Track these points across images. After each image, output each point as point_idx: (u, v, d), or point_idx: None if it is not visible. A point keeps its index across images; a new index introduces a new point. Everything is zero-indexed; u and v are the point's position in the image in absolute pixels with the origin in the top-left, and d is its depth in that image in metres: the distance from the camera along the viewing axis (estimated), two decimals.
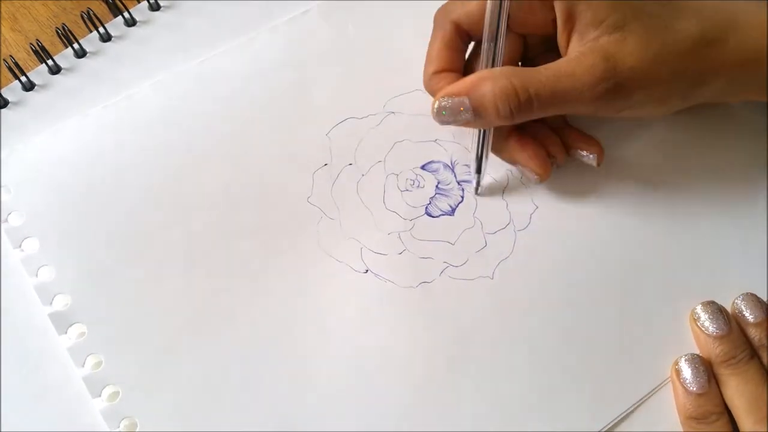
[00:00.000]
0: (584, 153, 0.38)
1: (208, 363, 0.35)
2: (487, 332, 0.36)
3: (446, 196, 0.39)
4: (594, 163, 0.38)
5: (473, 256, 0.37)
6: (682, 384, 0.34)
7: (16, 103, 0.42)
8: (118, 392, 0.35)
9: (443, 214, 0.38)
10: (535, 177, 0.38)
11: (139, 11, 0.45)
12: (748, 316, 0.34)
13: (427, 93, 0.38)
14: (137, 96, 0.42)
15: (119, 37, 0.44)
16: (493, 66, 0.36)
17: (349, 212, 0.38)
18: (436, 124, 0.40)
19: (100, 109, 0.41)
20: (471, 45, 0.39)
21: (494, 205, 0.39)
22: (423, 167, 0.40)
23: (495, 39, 0.35)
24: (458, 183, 0.39)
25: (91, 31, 0.44)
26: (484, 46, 0.36)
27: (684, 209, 0.38)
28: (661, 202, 0.38)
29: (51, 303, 0.36)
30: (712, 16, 0.34)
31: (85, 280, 0.37)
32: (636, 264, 0.37)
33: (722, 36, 0.34)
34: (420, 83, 0.38)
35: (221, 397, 0.34)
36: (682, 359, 0.34)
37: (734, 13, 0.35)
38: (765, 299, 0.35)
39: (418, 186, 0.39)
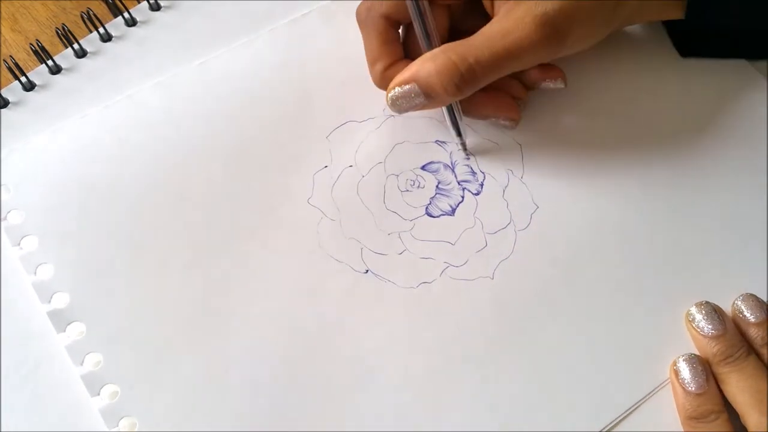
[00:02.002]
0: (550, 82, 0.40)
1: (208, 362, 0.35)
2: (487, 332, 0.36)
3: (446, 196, 0.39)
4: (562, 86, 0.40)
5: (473, 256, 0.37)
6: (681, 384, 0.34)
7: (16, 103, 0.42)
8: (117, 391, 0.34)
9: (443, 215, 0.39)
10: (510, 123, 0.39)
11: (140, 11, 0.45)
12: (749, 316, 0.34)
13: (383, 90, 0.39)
14: (137, 96, 0.42)
15: (119, 37, 0.44)
16: (429, 40, 0.36)
17: (350, 212, 0.38)
18: (436, 125, 0.40)
19: (100, 109, 0.41)
20: (401, 30, 0.40)
21: (495, 205, 0.39)
22: (423, 167, 0.40)
23: (422, 17, 0.36)
24: (458, 183, 0.39)
25: (91, 32, 0.44)
26: (416, 25, 0.36)
27: (685, 210, 0.38)
28: (661, 203, 0.39)
29: (50, 301, 0.36)
30: None
31: (84, 279, 0.37)
32: (636, 264, 0.37)
33: None
34: None
35: (221, 396, 0.34)
36: (680, 359, 0.34)
37: None
38: (765, 299, 0.35)
39: (418, 186, 0.39)
